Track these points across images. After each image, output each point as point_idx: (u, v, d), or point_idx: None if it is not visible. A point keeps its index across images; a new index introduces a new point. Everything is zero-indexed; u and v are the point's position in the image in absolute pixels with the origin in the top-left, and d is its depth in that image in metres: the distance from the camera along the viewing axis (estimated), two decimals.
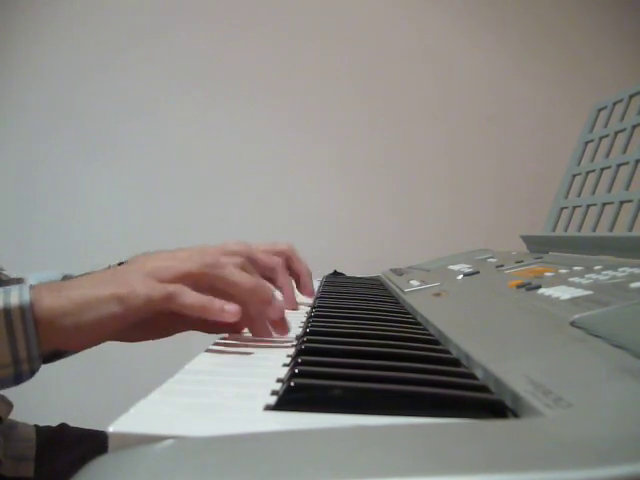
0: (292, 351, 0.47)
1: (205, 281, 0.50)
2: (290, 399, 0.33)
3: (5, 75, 1.73)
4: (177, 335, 0.64)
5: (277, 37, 1.75)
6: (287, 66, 1.74)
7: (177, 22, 1.74)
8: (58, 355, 0.65)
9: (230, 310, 0.47)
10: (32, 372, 0.47)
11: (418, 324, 0.62)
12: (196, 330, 0.58)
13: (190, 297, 0.47)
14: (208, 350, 0.48)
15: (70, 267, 0.76)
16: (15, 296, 0.46)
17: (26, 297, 0.46)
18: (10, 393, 0.70)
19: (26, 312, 0.45)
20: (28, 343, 0.45)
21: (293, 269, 0.69)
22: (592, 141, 0.93)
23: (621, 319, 0.39)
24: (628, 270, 0.52)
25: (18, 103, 1.73)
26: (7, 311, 0.45)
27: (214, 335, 0.55)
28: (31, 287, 0.47)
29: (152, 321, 0.51)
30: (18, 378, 0.47)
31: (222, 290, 0.50)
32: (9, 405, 0.74)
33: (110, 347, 0.65)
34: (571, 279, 0.55)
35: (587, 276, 0.54)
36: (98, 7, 1.74)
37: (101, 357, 0.65)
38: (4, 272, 0.77)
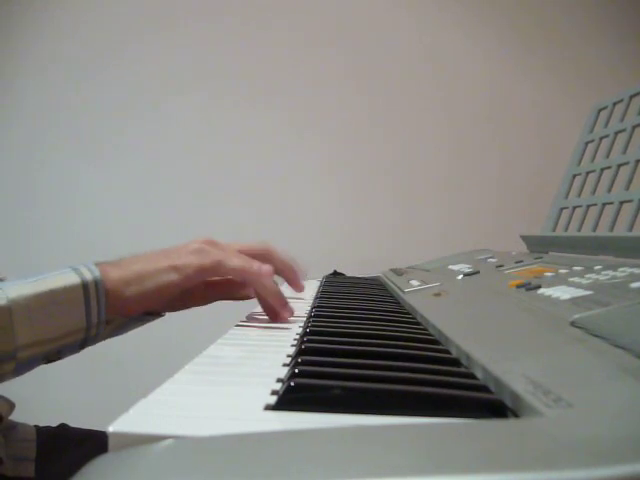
0: (292, 351, 0.47)
1: (243, 277, 0.61)
2: (290, 399, 0.33)
3: (5, 75, 1.73)
4: (177, 335, 0.65)
5: (277, 38, 1.75)
6: (287, 67, 1.75)
7: (178, 22, 1.74)
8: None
9: (266, 270, 0.59)
10: (95, 337, 0.55)
11: (418, 324, 0.62)
12: (224, 300, 0.69)
13: (234, 260, 0.58)
14: (208, 350, 0.48)
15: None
16: (87, 272, 0.53)
17: (96, 272, 0.54)
18: (11, 393, 0.70)
19: (99, 284, 0.53)
20: (99, 311, 0.53)
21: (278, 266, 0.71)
22: (592, 141, 0.93)
23: (621, 319, 0.39)
24: (628, 270, 0.52)
25: (18, 103, 1.73)
26: (85, 285, 0.52)
27: (214, 335, 0.55)
28: (95, 264, 0.55)
29: (192, 291, 0.62)
30: (84, 342, 0.55)
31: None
32: (11, 405, 0.74)
33: (110, 347, 0.65)
34: (571, 279, 0.55)
35: (587, 276, 0.54)
36: (98, 7, 1.74)
37: (101, 357, 0.65)
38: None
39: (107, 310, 0.54)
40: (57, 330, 0.51)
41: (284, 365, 0.43)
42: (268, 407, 0.33)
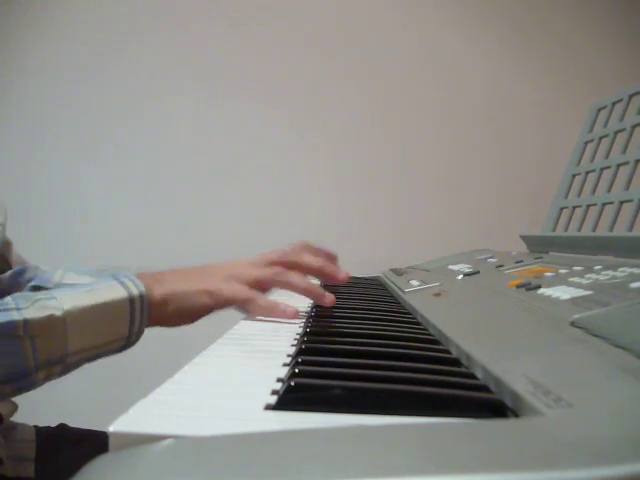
0: (292, 351, 0.47)
1: (273, 285, 0.67)
2: (290, 399, 0.33)
3: (5, 75, 1.73)
4: (176, 335, 0.66)
5: (278, 39, 1.75)
6: (287, 67, 1.74)
7: (178, 22, 1.74)
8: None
9: (290, 312, 0.62)
10: (134, 342, 0.59)
11: (418, 324, 0.62)
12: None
13: (263, 301, 0.62)
14: (208, 350, 0.48)
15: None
16: (133, 287, 0.57)
17: (142, 287, 0.58)
18: None
19: (144, 300, 0.58)
20: (141, 321, 0.58)
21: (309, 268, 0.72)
22: (592, 141, 0.93)
23: (621, 319, 0.39)
24: (628, 270, 0.52)
25: (18, 103, 1.73)
26: (132, 300, 0.57)
27: (214, 335, 0.55)
28: (138, 276, 0.59)
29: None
30: (123, 348, 0.59)
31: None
32: (14, 406, 0.74)
33: None
34: (571, 279, 0.55)
35: (587, 276, 0.54)
36: (98, 7, 1.74)
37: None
38: (26, 264, 0.80)
39: (148, 322, 0.59)
40: (103, 338, 0.56)
41: (284, 365, 0.43)
42: (268, 407, 0.32)
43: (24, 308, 0.51)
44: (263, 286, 0.66)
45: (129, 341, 0.59)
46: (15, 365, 0.51)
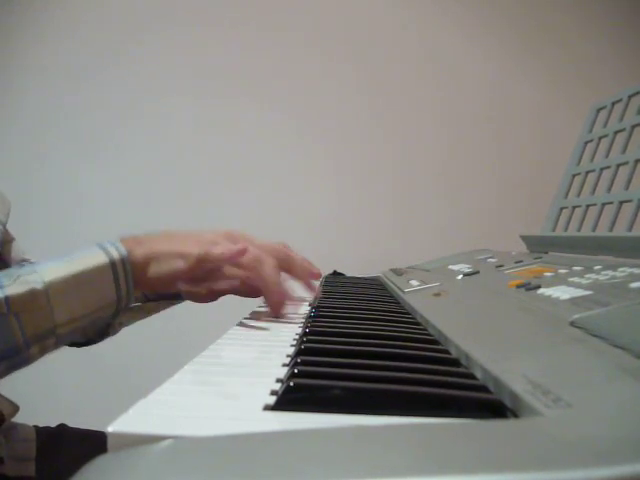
0: (292, 351, 0.47)
1: (248, 270, 0.64)
2: (289, 399, 0.33)
3: (5, 75, 1.73)
4: (176, 336, 0.65)
5: (277, 38, 1.75)
6: (287, 67, 1.75)
7: (178, 22, 1.74)
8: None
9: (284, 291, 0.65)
10: (127, 305, 0.59)
11: (418, 324, 0.62)
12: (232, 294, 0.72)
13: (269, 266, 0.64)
14: (207, 350, 0.48)
15: None
16: (114, 250, 0.57)
17: (122, 250, 0.57)
18: (11, 393, 0.70)
19: (126, 262, 0.57)
20: (127, 284, 0.57)
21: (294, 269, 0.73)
22: (591, 141, 0.93)
23: (621, 319, 0.39)
24: (628, 270, 0.52)
25: (18, 103, 1.73)
26: (112, 264, 0.56)
27: (214, 335, 0.55)
28: (121, 240, 0.59)
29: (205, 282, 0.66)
30: (117, 312, 0.59)
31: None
32: (15, 407, 0.74)
33: (109, 348, 0.65)
34: (571, 279, 0.55)
35: (587, 276, 0.54)
36: (98, 7, 1.74)
37: (101, 357, 0.65)
38: (27, 258, 0.80)
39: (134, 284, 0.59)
40: (91, 306, 0.56)
41: (283, 365, 0.43)
42: (267, 407, 0.32)
43: (7, 286, 0.51)
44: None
45: (120, 305, 0.58)
46: (4, 342, 0.51)
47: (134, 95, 1.72)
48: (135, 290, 0.59)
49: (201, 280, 0.67)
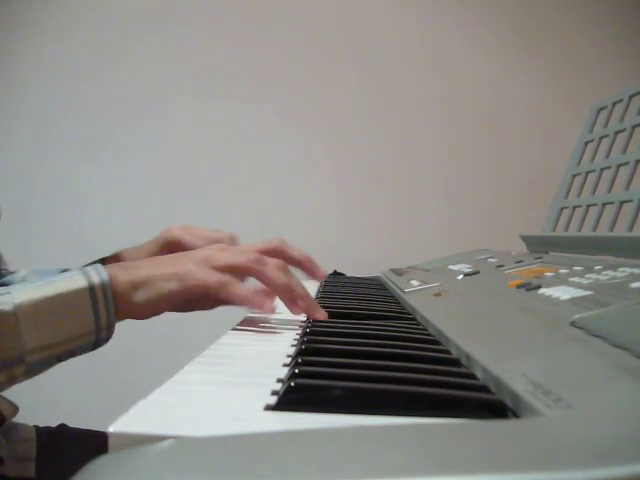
0: (292, 351, 0.47)
1: (248, 273, 0.59)
2: (290, 399, 0.33)
3: (5, 75, 1.73)
4: (177, 335, 0.64)
5: (277, 38, 1.75)
6: (287, 67, 1.74)
7: (178, 22, 1.74)
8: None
9: (270, 306, 0.57)
10: (107, 338, 0.55)
11: (418, 324, 0.62)
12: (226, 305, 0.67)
13: (238, 290, 0.56)
14: (208, 350, 0.48)
15: (69, 266, 0.76)
16: (95, 275, 0.53)
17: (105, 275, 0.54)
18: (11, 393, 0.70)
19: (106, 288, 0.53)
20: (108, 313, 0.53)
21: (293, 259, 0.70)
22: (592, 141, 0.93)
23: (621, 319, 0.39)
24: (628, 270, 0.52)
25: (18, 103, 1.73)
26: (91, 288, 0.52)
27: (214, 335, 0.55)
28: (104, 266, 0.55)
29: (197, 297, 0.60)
30: (97, 344, 0.55)
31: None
32: (15, 408, 0.74)
33: (109, 347, 0.65)
34: (571, 279, 0.55)
35: (587, 276, 0.54)
36: (98, 6, 1.74)
37: (101, 357, 0.65)
38: (5, 267, 0.78)
39: (117, 313, 0.55)
40: (65, 333, 0.52)
41: (284, 365, 0.43)
42: (268, 407, 0.32)
43: None
44: (238, 273, 0.59)
45: (99, 336, 0.54)
46: None
47: (134, 95, 1.72)
48: (119, 318, 0.55)
49: (193, 302, 0.64)
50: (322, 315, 0.61)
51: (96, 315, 0.53)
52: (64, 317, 0.51)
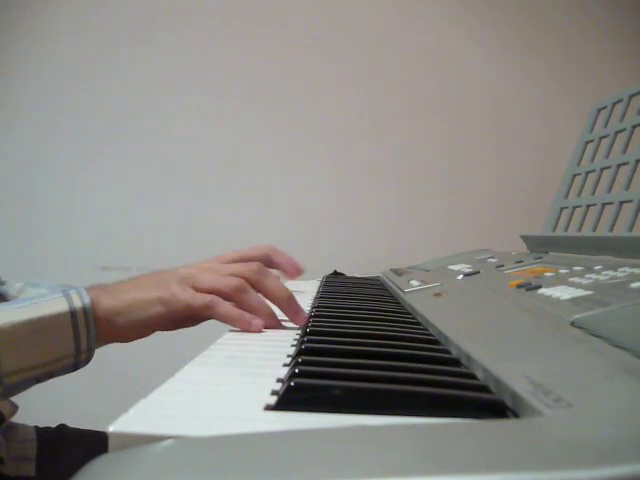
0: (292, 351, 0.47)
1: (231, 300, 0.57)
2: (290, 399, 0.33)
3: (5, 75, 1.73)
4: (176, 336, 0.64)
5: (278, 39, 1.75)
6: (288, 67, 1.74)
7: (179, 22, 1.74)
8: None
9: (257, 324, 0.56)
10: (87, 360, 0.55)
11: (418, 324, 0.62)
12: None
13: (224, 309, 0.56)
14: (208, 350, 0.48)
15: (69, 266, 0.76)
16: (77, 299, 0.53)
17: (87, 299, 0.54)
18: None
19: (88, 312, 0.53)
20: (88, 337, 0.54)
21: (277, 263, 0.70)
22: (592, 141, 0.93)
23: (621, 319, 0.39)
24: (628, 270, 0.52)
25: (18, 103, 1.73)
26: (73, 313, 0.52)
27: (214, 335, 0.55)
28: (87, 289, 0.55)
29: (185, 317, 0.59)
30: (76, 366, 0.55)
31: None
32: (14, 407, 0.74)
33: (110, 347, 0.65)
34: (571, 279, 0.55)
35: (587, 276, 0.54)
36: (98, 6, 1.74)
37: (101, 357, 0.65)
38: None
39: (99, 337, 0.55)
40: (44, 356, 0.52)
41: (284, 365, 0.43)
42: (268, 407, 0.32)
43: None
44: (222, 296, 0.58)
45: (79, 359, 0.54)
46: None
47: (134, 95, 1.72)
48: (100, 342, 0.55)
49: (177, 322, 0.62)
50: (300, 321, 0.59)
51: (76, 339, 0.53)
52: (44, 340, 0.51)
